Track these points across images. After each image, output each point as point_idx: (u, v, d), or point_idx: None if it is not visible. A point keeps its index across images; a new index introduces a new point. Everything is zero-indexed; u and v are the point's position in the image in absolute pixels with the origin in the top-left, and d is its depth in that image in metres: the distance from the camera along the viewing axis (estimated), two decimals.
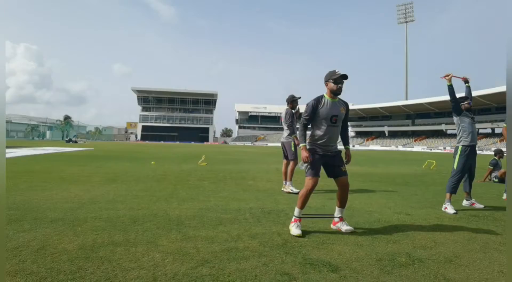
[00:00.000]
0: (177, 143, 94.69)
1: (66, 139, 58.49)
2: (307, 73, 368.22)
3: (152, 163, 12.42)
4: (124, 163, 12.40)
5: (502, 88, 56.09)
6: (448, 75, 4.91)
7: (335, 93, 3.52)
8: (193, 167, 11.08)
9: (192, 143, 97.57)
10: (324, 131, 3.56)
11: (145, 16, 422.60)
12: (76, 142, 52.01)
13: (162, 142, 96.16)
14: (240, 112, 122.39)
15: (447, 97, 5.37)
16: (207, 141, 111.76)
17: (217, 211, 4.36)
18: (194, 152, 25.82)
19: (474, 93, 60.43)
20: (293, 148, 6.27)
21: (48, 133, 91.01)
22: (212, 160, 15.74)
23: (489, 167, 9.10)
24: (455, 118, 5.07)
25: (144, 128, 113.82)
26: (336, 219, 3.72)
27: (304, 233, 3.42)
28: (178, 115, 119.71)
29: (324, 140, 3.58)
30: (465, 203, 5.22)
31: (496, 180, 8.84)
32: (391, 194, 6.21)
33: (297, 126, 5.99)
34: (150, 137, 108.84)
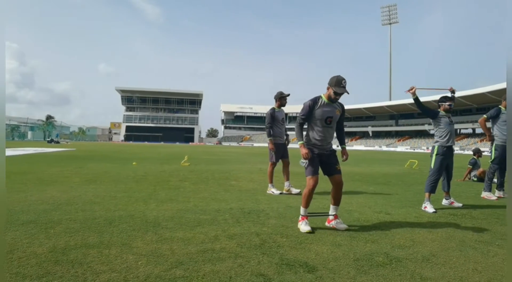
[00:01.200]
0: (162, 143, 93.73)
1: (48, 139, 57.16)
2: (294, 74, 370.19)
3: (134, 163, 12.23)
4: (105, 163, 12.17)
5: (483, 89, 57.59)
6: (412, 89, 4.96)
7: (332, 100, 3.63)
8: (175, 168, 10.95)
9: (177, 143, 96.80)
10: (318, 131, 3.66)
11: (130, 16, 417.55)
12: (58, 142, 50.91)
13: (146, 142, 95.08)
14: (225, 113, 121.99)
15: (429, 98, 5.44)
16: (192, 141, 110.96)
17: (196, 212, 4.30)
18: (178, 152, 25.58)
19: (456, 94, 61.68)
20: (272, 151, 6.09)
21: (29, 133, 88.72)
22: (196, 160, 15.61)
23: (469, 166, 9.28)
24: (432, 121, 5.14)
25: (128, 128, 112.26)
26: (331, 217, 3.78)
27: (286, 235, 3.40)
28: (162, 116, 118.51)
29: (318, 140, 3.68)
30: (444, 202, 5.30)
31: (476, 179, 9.03)
32: (372, 194, 6.26)
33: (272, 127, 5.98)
34: (134, 137, 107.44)
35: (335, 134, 3.87)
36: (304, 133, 3.80)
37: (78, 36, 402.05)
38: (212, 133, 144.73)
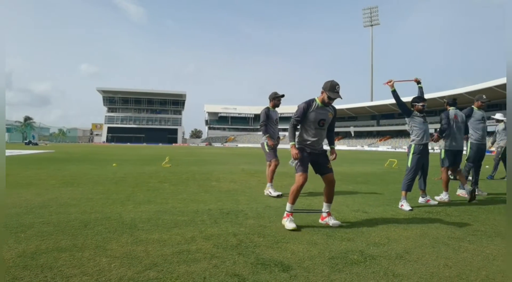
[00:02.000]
0: (144, 144, 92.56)
1: (26, 141, 55.63)
2: (278, 74, 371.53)
3: (114, 165, 12.04)
4: (85, 165, 11.93)
5: (460, 90, 59.20)
6: (390, 81, 5.03)
7: (325, 104, 3.77)
8: (156, 169, 10.82)
9: (160, 144, 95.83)
10: (311, 133, 3.79)
11: (113, 16, 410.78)
12: (36, 144, 49.63)
13: (128, 144, 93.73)
14: (209, 113, 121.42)
15: (409, 98, 5.53)
16: (176, 142, 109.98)
17: (173, 213, 4.25)
18: (160, 153, 25.31)
19: (435, 95, 63.38)
20: (266, 148, 5.90)
21: (6, 135, 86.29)
22: (178, 161, 15.47)
23: None
24: (407, 119, 5.23)
25: (110, 129, 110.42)
26: (324, 214, 3.91)
27: (263, 234, 3.41)
28: (145, 116, 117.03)
29: (311, 141, 3.81)
30: (420, 200, 5.40)
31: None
32: (351, 192, 6.34)
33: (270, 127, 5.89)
34: (117, 139, 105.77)
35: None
36: (297, 133, 3.89)
37: (59, 35, 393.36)
38: (196, 134, 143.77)
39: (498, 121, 9.50)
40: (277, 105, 6.03)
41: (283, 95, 5.97)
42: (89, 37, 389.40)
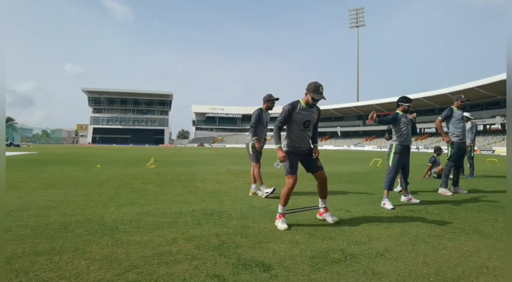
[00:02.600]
0: (131, 145, 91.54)
1: (7, 143, 54.41)
2: (265, 75, 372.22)
3: (98, 166, 11.86)
4: (68, 167, 11.72)
5: (444, 90, 60.29)
6: (372, 116, 4.91)
7: (309, 105, 3.82)
8: (140, 170, 10.70)
9: (147, 145, 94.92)
10: (297, 134, 3.85)
11: (98, 15, 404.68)
12: (18, 145, 48.57)
13: (114, 145, 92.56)
14: (197, 114, 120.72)
15: (395, 98, 5.57)
16: (163, 143, 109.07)
17: (156, 214, 4.21)
18: (145, 154, 25.05)
19: (420, 95, 64.41)
20: (250, 150, 5.89)
21: None
22: (163, 162, 15.34)
23: (429, 164, 9.67)
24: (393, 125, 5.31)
25: (96, 130, 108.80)
26: (321, 210, 4.05)
27: (246, 235, 3.41)
28: (131, 117, 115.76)
29: (297, 142, 3.87)
30: (402, 198, 5.48)
31: (435, 176, 9.42)
32: (335, 192, 6.38)
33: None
34: (102, 140, 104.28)
35: None
36: (283, 134, 3.91)
37: (43, 34, 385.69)
38: (183, 134, 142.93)
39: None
40: (270, 108, 5.97)
41: (277, 99, 5.92)
42: (74, 36, 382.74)
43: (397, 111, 5.33)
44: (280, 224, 3.68)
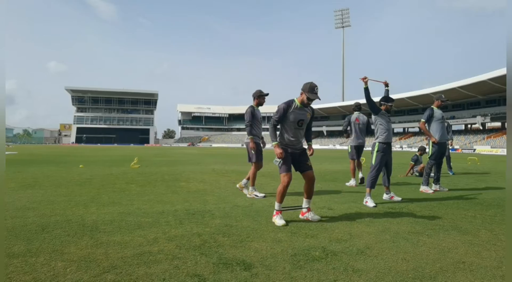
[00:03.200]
0: (115, 145, 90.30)
1: None
2: (251, 74, 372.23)
3: (81, 166, 11.66)
4: (49, 167, 11.48)
5: (426, 90, 61.41)
6: (365, 78, 5.14)
7: (304, 104, 3.91)
8: (124, 170, 10.56)
9: (132, 145, 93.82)
10: (291, 133, 3.94)
11: (82, 13, 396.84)
12: None
13: (99, 144, 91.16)
14: (182, 113, 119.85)
15: (377, 98, 5.66)
16: (148, 142, 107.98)
17: (138, 214, 4.16)
18: (130, 154, 24.75)
19: (404, 95, 65.44)
20: (252, 150, 5.64)
21: None
22: (147, 162, 15.18)
23: (411, 162, 9.85)
24: (373, 117, 5.38)
25: (79, 130, 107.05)
26: (304, 210, 4.09)
27: (228, 234, 3.40)
28: (116, 116, 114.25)
29: (291, 140, 3.96)
30: (385, 196, 5.56)
31: (418, 174, 9.59)
32: (318, 190, 6.42)
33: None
34: (86, 139, 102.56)
35: None
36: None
37: (26, 32, 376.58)
38: (169, 134, 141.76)
39: None
40: (261, 104, 5.88)
41: (267, 94, 5.85)
42: (57, 34, 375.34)
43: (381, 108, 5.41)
44: (278, 220, 3.79)
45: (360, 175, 7.42)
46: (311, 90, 3.81)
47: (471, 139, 57.81)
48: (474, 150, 50.09)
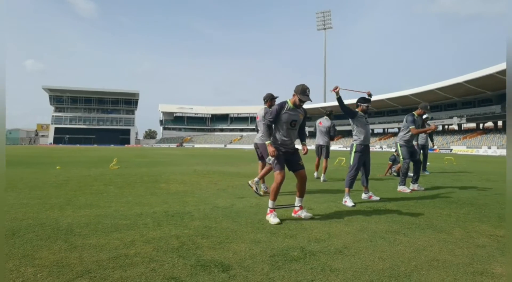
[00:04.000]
0: (95, 145, 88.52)
1: None
2: (234, 75, 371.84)
3: (58, 167, 11.35)
4: (23, 168, 11.13)
5: (406, 92, 62.74)
6: (336, 88, 5.13)
7: (296, 106, 4.07)
8: (102, 171, 10.34)
9: (112, 145, 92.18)
10: (284, 133, 4.09)
11: (61, 10, 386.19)
12: None
13: (78, 145, 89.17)
14: (164, 113, 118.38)
15: (354, 100, 5.71)
16: (129, 143, 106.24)
17: (115, 217, 4.07)
18: (109, 155, 24.28)
19: (383, 96, 66.61)
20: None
21: None
22: (127, 163, 14.93)
23: (389, 162, 10.03)
24: (351, 120, 5.44)
25: (58, 130, 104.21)
26: (296, 208, 4.23)
27: (207, 235, 3.37)
28: (95, 116, 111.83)
29: (284, 140, 4.11)
30: (363, 196, 5.64)
31: (395, 174, 9.77)
32: None
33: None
34: (65, 140, 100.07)
35: None
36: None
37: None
38: (150, 134, 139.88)
39: None
40: (271, 107, 6.00)
41: (277, 97, 6.11)
42: (34, 31, 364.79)
43: (357, 110, 5.48)
44: (272, 218, 3.88)
45: (315, 175, 8.98)
46: (302, 92, 3.97)
47: (448, 139, 59.40)
48: (451, 150, 51.49)
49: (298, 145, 4.37)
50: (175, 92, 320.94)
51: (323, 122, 8.62)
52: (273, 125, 4.15)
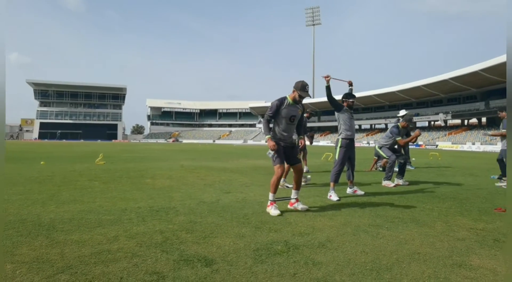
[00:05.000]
0: (82, 141, 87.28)
1: None
2: (223, 70, 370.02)
3: (42, 163, 11.16)
4: (7, 164, 10.89)
5: (393, 88, 63.37)
6: (327, 77, 5.20)
7: (296, 101, 4.19)
8: (88, 166, 10.20)
9: (99, 140, 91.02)
10: (283, 128, 4.21)
11: (47, 1, 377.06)
12: None
13: (64, 140, 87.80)
14: (152, 108, 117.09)
15: (340, 96, 5.74)
16: (116, 138, 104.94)
17: (99, 212, 4.03)
18: (96, 150, 23.96)
19: (371, 93, 67.14)
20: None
21: None
22: (114, 158, 14.77)
23: (374, 157, 10.14)
24: (336, 114, 5.48)
25: (43, 125, 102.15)
26: (292, 200, 4.39)
27: (192, 230, 3.36)
28: (82, 111, 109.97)
29: (283, 135, 4.23)
30: (348, 190, 5.69)
31: (381, 169, 9.89)
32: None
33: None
34: (50, 135, 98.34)
35: None
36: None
37: None
38: (138, 130, 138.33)
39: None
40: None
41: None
42: (20, 25, 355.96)
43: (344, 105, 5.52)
44: (273, 211, 4.02)
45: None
46: (302, 88, 4.11)
47: (433, 135, 60.32)
48: (437, 145, 52.32)
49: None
50: (164, 87, 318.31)
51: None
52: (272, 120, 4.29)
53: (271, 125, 4.27)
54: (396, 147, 7.05)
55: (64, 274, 2.25)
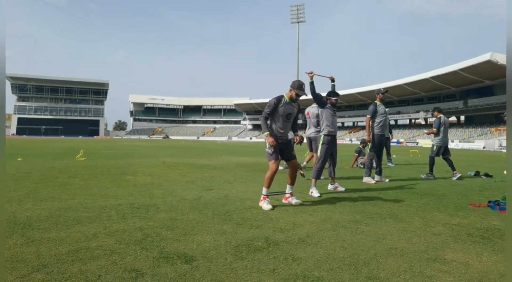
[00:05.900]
0: (62, 137, 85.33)
1: None
2: (208, 66, 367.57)
3: (19, 159, 10.86)
4: None
5: (377, 86, 64.27)
6: (311, 73, 5.28)
7: (292, 100, 4.36)
8: (68, 163, 10.00)
9: (80, 137, 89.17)
10: (280, 125, 4.36)
11: None
12: None
13: (44, 136, 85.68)
14: (135, 104, 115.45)
15: (323, 93, 5.80)
16: (98, 134, 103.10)
17: (78, 209, 3.96)
18: (77, 146, 23.48)
19: (354, 91, 67.98)
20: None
21: None
22: (95, 155, 14.51)
23: (355, 154, 10.29)
24: (319, 110, 5.54)
25: (21, 121, 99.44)
26: (287, 195, 4.55)
27: (172, 227, 3.34)
28: (63, 107, 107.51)
29: (280, 132, 4.38)
30: (329, 187, 5.76)
31: (362, 166, 10.04)
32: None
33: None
34: (29, 131, 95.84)
35: None
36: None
37: None
38: (120, 126, 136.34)
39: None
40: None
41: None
42: None
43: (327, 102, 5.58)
44: (266, 205, 4.15)
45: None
46: (299, 87, 4.28)
47: (414, 133, 61.61)
48: (417, 143, 53.46)
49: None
50: (147, 83, 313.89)
51: (311, 111, 7.47)
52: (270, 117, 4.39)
53: (268, 122, 4.38)
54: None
55: (40, 273, 2.20)
